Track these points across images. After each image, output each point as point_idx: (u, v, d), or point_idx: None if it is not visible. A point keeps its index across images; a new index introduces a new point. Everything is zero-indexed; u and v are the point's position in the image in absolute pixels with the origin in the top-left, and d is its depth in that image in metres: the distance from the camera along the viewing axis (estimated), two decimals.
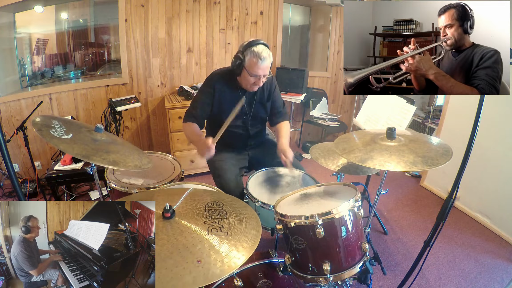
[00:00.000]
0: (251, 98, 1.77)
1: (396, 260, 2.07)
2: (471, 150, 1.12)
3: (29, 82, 2.81)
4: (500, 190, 2.34)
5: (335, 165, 1.71)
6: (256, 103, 1.79)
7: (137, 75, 3.08)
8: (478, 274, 1.97)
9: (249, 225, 0.97)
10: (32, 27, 2.71)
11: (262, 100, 1.81)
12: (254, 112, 1.80)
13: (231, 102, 1.62)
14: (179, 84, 3.23)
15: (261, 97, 1.80)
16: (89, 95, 2.97)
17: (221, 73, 1.75)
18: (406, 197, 2.90)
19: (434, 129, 3.32)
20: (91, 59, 3.06)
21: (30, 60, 2.79)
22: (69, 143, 1.15)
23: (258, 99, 1.79)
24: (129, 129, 3.27)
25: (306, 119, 3.91)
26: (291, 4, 3.76)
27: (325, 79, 4.02)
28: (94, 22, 2.94)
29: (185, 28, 3.11)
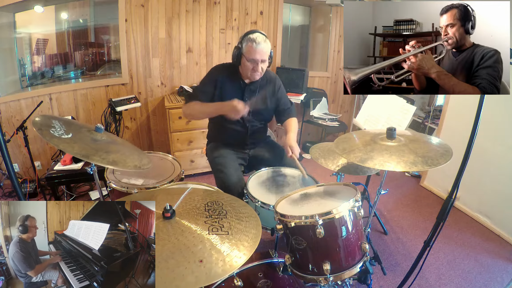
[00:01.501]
0: (251, 93, 1.78)
1: (396, 260, 2.07)
2: (471, 150, 1.12)
3: (29, 82, 2.81)
4: (500, 190, 2.34)
5: (335, 165, 1.71)
6: (256, 97, 1.78)
7: (137, 75, 3.08)
8: (478, 274, 1.97)
9: (249, 224, 0.97)
10: (32, 27, 2.71)
11: (264, 97, 1.81)
12: (253, 108, 1.79)
13: (232, 94, 1.69)
14: (179, 84, 3.23)
15: (263, 94, 1.80)
16: (89, 95, 2.97)
17: (222, 66, 1.81)
18: (406, 197, 2.90)
19: (434, 129, 3.32)
20: (91, 59, 3.06)
21: (30, 60, 2.79)
22: (69, 142, 1.15)
23: (259, 95, 1.78)
24: (129, 129, 3.27)
25: (306, 119, 3.91)
26: (291, 4, 3.76)
27: (325, 79, 4.02)
28: (94, 22, 2.93)
29: (185, 28, 3.11)
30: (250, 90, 1.77)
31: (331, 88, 4.09)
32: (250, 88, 1.77)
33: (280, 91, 1.86)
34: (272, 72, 1.88)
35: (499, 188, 2.35)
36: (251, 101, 1.70)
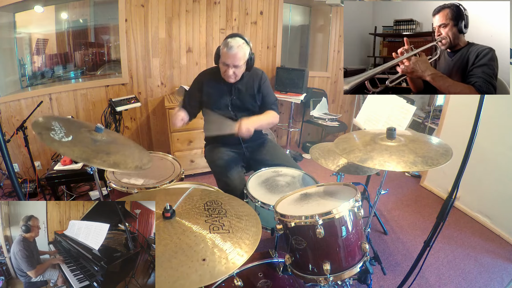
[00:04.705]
0: (238, 91, 1.81)
1: (396, 260, 2.07)
2: (471, 150, 1.12)
3: (29, 82, 2.81)
4: (500, 190, 2.34)
5: (335, 165, 1.71)
6: (241, 95, 1.81)
7: (137, 75, 3.08)
8: (478, 274, 1.97)
9: (249, 223, 0.98)
10: (32, 27, 2.71)
11: (250, 92, 1.82)
12: (239, 103, 1.82)
13: (218, 94, 1.81)
14: (179, 84, 3.23)
15: (249, 91, 1.82)
16: (89, 95, 2.97)
17: (208, 70, 1.91)
18: (406, 197, 2.90)
19: (434, 129, 3.32)
20: (91, 59, 3.06)
21: (30, 60, 2.79)
22: (69, 146, 1.14)
23: (244, 91, 1.81)
24: (129, 129, 3.27)
25: (306, 119, 3.91)
26: (291, 4, 3.76)
27: (325, 79, 4.02)
28: (94, 22, 2.93)
29: (185, 28, 3.11)
30: (237, 89, 1.81)
31: (331, 88, 4.09)
32: (236, 87, 1.80)
33: (264, 86, 1.85)
34: (259, 69, 1.89)
35: (499, 188, 2.35)
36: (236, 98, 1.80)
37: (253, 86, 1.82)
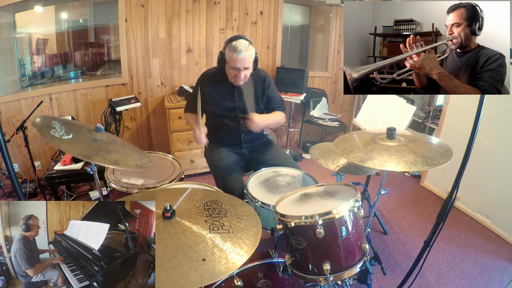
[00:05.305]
0: (242, 93, 1.79)
1: (396, 260, 2.07)
2: (471, 150, 1.12)
3: (29, 82, 2.81)
4: (500, 190, 2.34)
5: (335, 165, 1.71)
6: (245, 96, 1.80)
7: (137, 75, 3.08)
8: (478, 274, 1.97)
9: (249, 223, 0.98)
10: (32, 27, 2.71)
11: (254, 94, 1.82)
12: (243, 105, 1.81)
13: (222, 96, 1.79)
14: (179, 84, 3.23)
15: (253, 93, 1.81)
16: (89, 95, 2.97)
17: (209, 71, 1.88)
18: (406, 197, 2.90)
19: (434, 129, 3.32)
20: (91, 59, 3.06)
21: (30, 60, 2.79)
22: (70, 143, 1.15)
23: (248, 92, 1.80)
24: (129, 129, 3.27)
25: (306, 119, 3.91)
26: (291, 4, 3.76)
27: (325, 79, 4.02)
28: (94, 22, 2.93)
29: (185, 28, 3.11)
30: (241, 91, 1.79)
31: (331, 88, 4.09)
32: (241, 88, 1.79)
33: (270, 89, 1.86)
34: (262, 70, 1.89)
35: (499, 188, 2.35)
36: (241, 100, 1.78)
37: (257, 88, 1.82)
